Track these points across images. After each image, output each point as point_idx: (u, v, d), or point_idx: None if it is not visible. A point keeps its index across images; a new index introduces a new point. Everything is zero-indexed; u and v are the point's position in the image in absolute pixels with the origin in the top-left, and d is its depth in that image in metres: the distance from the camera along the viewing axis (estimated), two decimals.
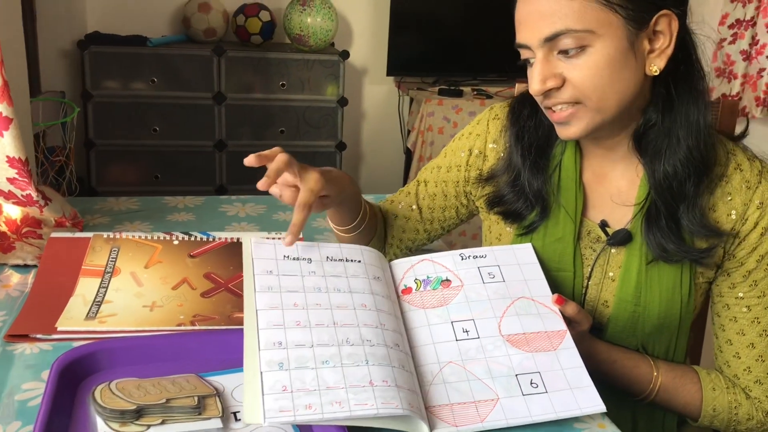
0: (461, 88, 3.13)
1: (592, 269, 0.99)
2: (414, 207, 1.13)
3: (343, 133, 3.09)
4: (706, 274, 0.96)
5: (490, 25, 3.20)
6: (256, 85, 2.95)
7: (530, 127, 1.00)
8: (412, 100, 3.22)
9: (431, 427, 0.76)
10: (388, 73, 3.20)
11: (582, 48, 0.83)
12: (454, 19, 3.21)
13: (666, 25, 0.85)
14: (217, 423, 0.74)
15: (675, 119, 0.89)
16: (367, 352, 0.79)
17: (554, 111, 0.89)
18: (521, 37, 0.88)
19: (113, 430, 0.71)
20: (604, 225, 0.98)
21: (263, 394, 0.72)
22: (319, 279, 0.87)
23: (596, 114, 0.87)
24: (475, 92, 3.13)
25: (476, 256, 0.94)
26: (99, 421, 0.72)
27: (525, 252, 0.96)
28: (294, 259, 0.89)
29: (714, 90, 3.33)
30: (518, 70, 0.97)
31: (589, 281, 0.99)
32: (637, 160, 0.95)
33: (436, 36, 3.21)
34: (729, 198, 0.92)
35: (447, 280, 0.92)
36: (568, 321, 0.88)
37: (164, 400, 0.75)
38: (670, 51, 0.86)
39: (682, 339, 1.00)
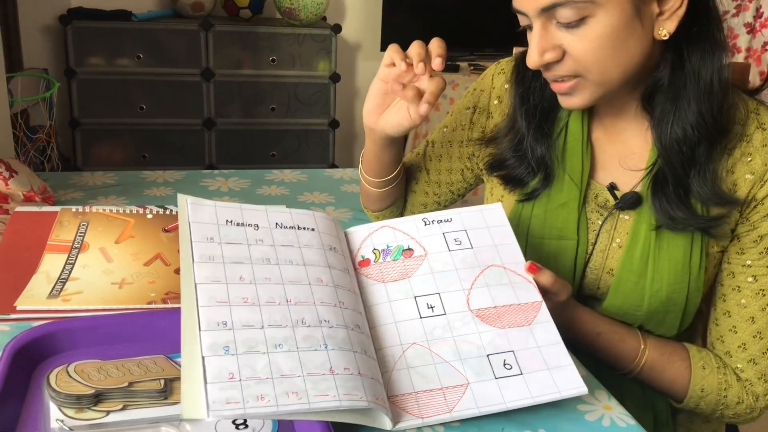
0: (458, 63, 3.05)
1: (597, 235, 0.92)
2: (422, 168, 1.08)
3: (336, 110, 3.00)
4: (722, 242, 0.89)
5: None
6: (245, 61, 2.87)
7: (536, 87, 0.93)
8: None
9: (395, 420, 0.68)
10: (383, 48, 3.11)
11: (582, 19, 0.77)
12: None
13: None
14: None
15: (685, 81, 0.82)
16: (325, 334, 0.70)
17: (555, 81, 0.84)
18: (517, 2, 0.81)
19: (68, 416, 0.64)
20: (612, 188, 0.91)
21: (206, 383, 0.61)
22: (268, 249, 0.77)
23: (598, 86, 0.81)
24: (472, 67, 3.05)
25: (441, 221, 0.85)
26: (53, 408, 0.65)
27: (494, 213, 0.86)
28: (238, 224, 0.78)
29: None
30: (517, 42, 0.90)
31: (594, 247, 0.92)
32: (647, 123, 0.89)
33: (431, 10, 3.12)
34: (749, 159, 0.85)
35: (409, 249, 0.83)
36: (544, 291, 0.80)
37: (126, 384, 0.68)
38: (681, 12, 0.78)
39: (685, 324, 0.92)
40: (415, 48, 0.87)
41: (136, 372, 0.70)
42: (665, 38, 0.79)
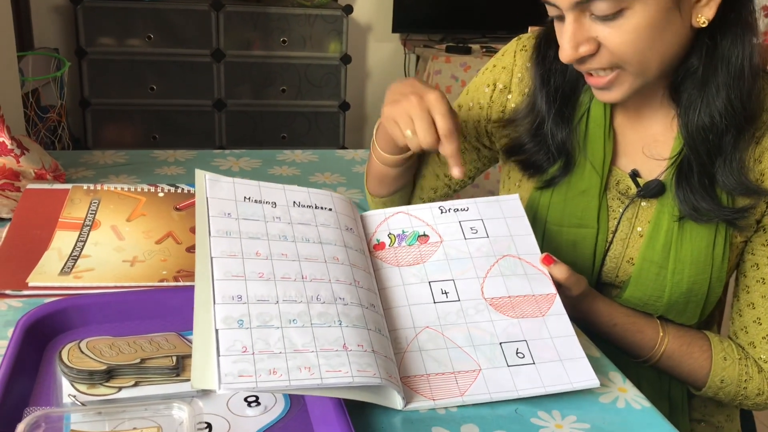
0: (470, 45, 3.02)
1: (618, 223, 0.90)
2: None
3: (347, 92, 2.99)
4: (745, 233, 0.87)
5: None
6: (255, 42, 2.85)
7: (557, 69, 0.90)
8: (418, 58, 3.11)
9: (406, 399, 0.68)
10: (394, 30, 3.09)
11: (620, 11, 0.73)
12: None
13: None
14: None
15: (716, 67, 0.79)
16: (339, 311, 0.69)
17: (592, 75, 0.80)
18: None
19: (80, 392, 0.64)
20: (635, 175, 0.89)
21: (219, 355, 0.61)
22: (285, 226, 0.76)
23: (638, 77, 0.78)
24: (484, 50, 3.02)
25: (457, 209, 0.85)
26: (65, 383, 0.65)
27: (511, 204, 0.86)
28: (256, 201, 0.78)
29: None
30: (531, 22, 0.87)
31: (614, 236, 0.91)
32: (673, 111, 0.86)
33: None
34: None
35: (425, 235, 0.83)
36: (558, 285, 0.80)
37: (138, 360, 0.68)
38: None
39: (705, 313, 0.90)
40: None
41: (147, 349, 0.70)
42: (704, 26, 0.76)
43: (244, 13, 2.79)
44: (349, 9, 2.87)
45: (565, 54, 0.77)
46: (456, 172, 0.80)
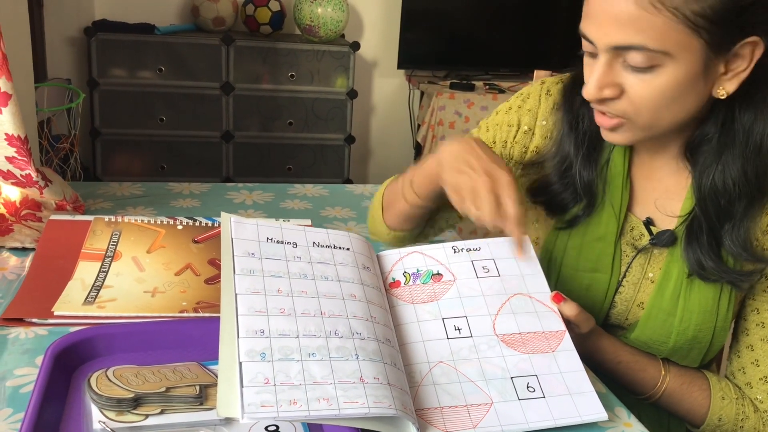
0: (473, 82, 3.08)
1: (629, 266, 0.93)
2: None
3: (353, 126, 3.04)
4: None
5: (502, 19, 3.16)
6: (264, 76, 2.91)
7: (584, 114, 0.92)
8: (422, 93, 3.17)
9: (420, 431, 0.70)
10: (399, 66, 3.16)
11: (652, 66, 0.75)
12: (467, 12, 3.16)
13: (749, 51, 0.76)
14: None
15: (733, 138, 0.82)
16: (357, 345, 0.73)
17: (603, 114, 0.82)
18: (588, 30, 0.78)
19: (109, 419, 0.66)
20: (648, 223, 0.92)
21: (242, 386, 0.65)
22: (305, 265, 0.81)
23: (643, 130, 0.81)
24: (487, 87, 3.08)
25: (470, 249, 0.88)
26: (94, 410, 0.68)
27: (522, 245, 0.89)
28: (278, 242, 0.82)
29: None
30: (535, 64, 0.90)
31: (623, 278, 0.94)
32: (687, 169, 0.89)
33: (447, 29, 3.17)
34: None
35: (438, 273, 0.86)
36: (567, 323, 0.83)
37: (164, 389, 0.70)
38: (745, 74, 0.77)
39: (707, 359, 0.93)
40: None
41: (171, 378, 0.73)
42: (723, 98, 0.78)
43: (253, 48, 2.86)
44: (356, 45, 2.94)
45: (589, 92, 0.79)
46: (523, 255, 0.84)
